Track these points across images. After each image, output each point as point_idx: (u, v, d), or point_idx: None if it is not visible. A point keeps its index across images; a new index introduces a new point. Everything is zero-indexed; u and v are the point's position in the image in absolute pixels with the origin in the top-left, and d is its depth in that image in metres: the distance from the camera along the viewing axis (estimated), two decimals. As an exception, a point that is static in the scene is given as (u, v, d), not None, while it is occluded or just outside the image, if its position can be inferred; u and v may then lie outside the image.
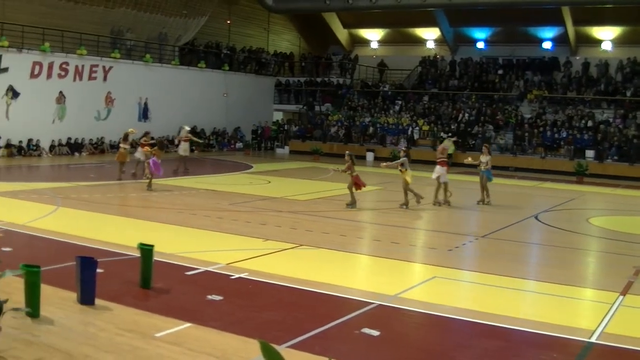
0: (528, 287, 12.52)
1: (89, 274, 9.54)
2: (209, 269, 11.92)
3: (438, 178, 22.00)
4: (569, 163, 36.60)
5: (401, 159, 21.19)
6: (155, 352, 7.95)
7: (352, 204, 20.43)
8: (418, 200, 21.05)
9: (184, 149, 28.50)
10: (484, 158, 22.51)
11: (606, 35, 45.99)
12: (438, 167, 22.01)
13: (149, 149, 23.39)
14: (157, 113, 39.70)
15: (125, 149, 25.23)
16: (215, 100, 44.25)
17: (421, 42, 52.56)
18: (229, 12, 47.62)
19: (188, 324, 8.90)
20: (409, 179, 20.80)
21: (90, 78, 36.38)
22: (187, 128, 29.68)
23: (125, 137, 25.43)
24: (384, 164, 23.52)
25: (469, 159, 24.75)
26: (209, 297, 10.21)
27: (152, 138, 26.57)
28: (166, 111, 40.12)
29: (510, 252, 15.80)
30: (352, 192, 20.50)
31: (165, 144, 26.10)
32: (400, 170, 21.00)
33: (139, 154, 25.34)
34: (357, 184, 20.38)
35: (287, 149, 44.80)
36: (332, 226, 17.37)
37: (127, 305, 9.60)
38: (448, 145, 25.22)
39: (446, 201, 22.17)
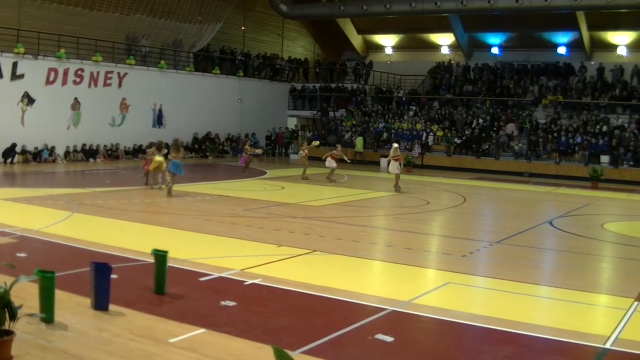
0: (542, 293, 12.48)
1: (103, 279, 9.56)
2: (222, 274, 11.93)
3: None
4: (583, 168, 36.47)
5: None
6: (169, 357, 7.95)
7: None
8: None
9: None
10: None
11: (621, 40, 45.84)
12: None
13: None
14: (172, 119, 39.78)
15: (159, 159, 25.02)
16: (230, 106, 44.32)
17: (435, 47, 52.55)
18: (243, 18, 47.74)
19: (202, 330, 8.90)
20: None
21: (105, 84, 36.53)
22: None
23: (159, 148, 24.87)
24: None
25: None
26: (223, 302, 10.21)
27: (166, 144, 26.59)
28: (181, 117, 40.21)
29: (525, 257, 15.74)
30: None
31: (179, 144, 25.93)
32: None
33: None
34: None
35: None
36: (346, 232, 17.35)
37: (141, 311, 9.61)
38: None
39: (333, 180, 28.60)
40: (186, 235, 15.91)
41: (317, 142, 34.67)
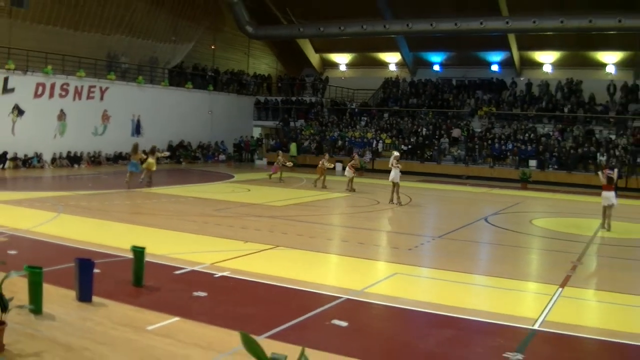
0: (479, 281, 12.58)
1: (86, 274, 9.45)
2: (195, 268, 11.84)
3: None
4: (514, 171, 36.88)
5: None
6: (147, 343, 7.89)
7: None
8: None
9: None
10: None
11: (547, 58, 46.49)
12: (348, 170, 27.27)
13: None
14: (149, 129, 39.41)
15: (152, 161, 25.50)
16: (201, 117, 44.05)
17: (384, 64, 52.76)
18: (213, 38, 47.50)
19: (177, 318, 8.83)
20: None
21: (88, 97, 36.13)
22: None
23: (152, 151, 25.84)
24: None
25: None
26: (195, 293, 10.14)
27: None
28: (157, 127, 39.88)
29: (463, 250, 15.87)
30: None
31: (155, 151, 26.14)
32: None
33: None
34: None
35: (265, 160, 44.64)
36: (305, 229, 17.34)
37: (121, 302, 9.50)
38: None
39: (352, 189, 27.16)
40: (162, 233, 15.77)
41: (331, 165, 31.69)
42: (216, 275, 11.41)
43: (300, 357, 5.02)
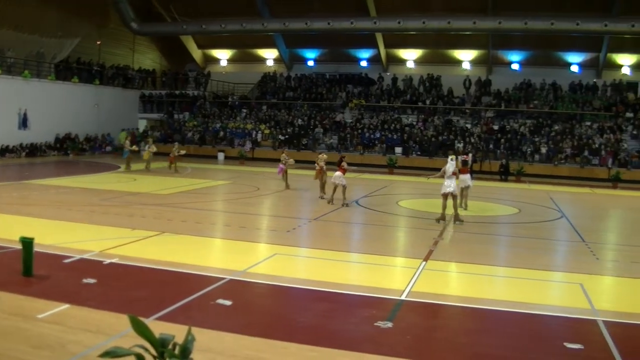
0: (352, 258, 12.83)
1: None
2: (83, 256, 11.46)
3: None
4: (382, 158, 37.74)
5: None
6: (38, 331, 7.59)
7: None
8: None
9: None
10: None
11: (410, 55, 47.71)
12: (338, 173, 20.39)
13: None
14: (36, 122, 37.57)
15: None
16: (88, 110, 42.43)
17: (263, 60, 52.60)
18: (99, 34, 45.85)
19: (67, 305, 8.53)
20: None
21: (-26, 91, 34.18)
22: None
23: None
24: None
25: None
26: (85, 280, 9.82)
27: None
28: (44, 120, 38.09)
29: (337, 231, 16.13)
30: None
31: None
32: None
33: None
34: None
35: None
36: (190, 215, 17.10)
37: (12, 292, 9.07)
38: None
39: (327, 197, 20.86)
40: (51, 223, 15.14)
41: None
42: (105, 262, 11.09)
43: (187, 335, 4.99)
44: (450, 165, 16.75)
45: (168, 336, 4.99)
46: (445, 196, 16.72)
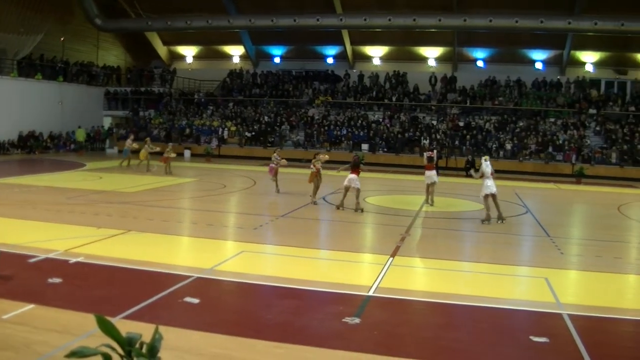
0: (319, 255, 12.87)
1: None
2: (49, 256, 11.29)
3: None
4: (348, 154, 37.68)
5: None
6: (3, 332, 7.45)
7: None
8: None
9: None
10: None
11: (376, 52, 47.83)
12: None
13: None
14: (-2, 119, 37.13)
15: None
16: (52, 107, 41.74)
17: (229, 57, 52.33)
18: (62, 30, 45.16)
19: (32, 305, 8.40)
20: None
21: None
22: None
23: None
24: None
25: None
26: (50, 280, 9.68)
27: None
28: (6, 118, 37.41)
29: (304, 227, 16.14)
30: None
31: None
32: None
33: None
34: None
35: (116, 149, 43.16)
36: (156, 213, 16.97)
37: (-27, 292, 8.94)
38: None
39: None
40: (15, 222, 14.87)
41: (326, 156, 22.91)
42: (71, 261, 10.95)
43: (155, 334, 4.95)
44: (486, 166, 16.99)
45: (135, 335, 4.94)
46: (486, 197, 16.90)
